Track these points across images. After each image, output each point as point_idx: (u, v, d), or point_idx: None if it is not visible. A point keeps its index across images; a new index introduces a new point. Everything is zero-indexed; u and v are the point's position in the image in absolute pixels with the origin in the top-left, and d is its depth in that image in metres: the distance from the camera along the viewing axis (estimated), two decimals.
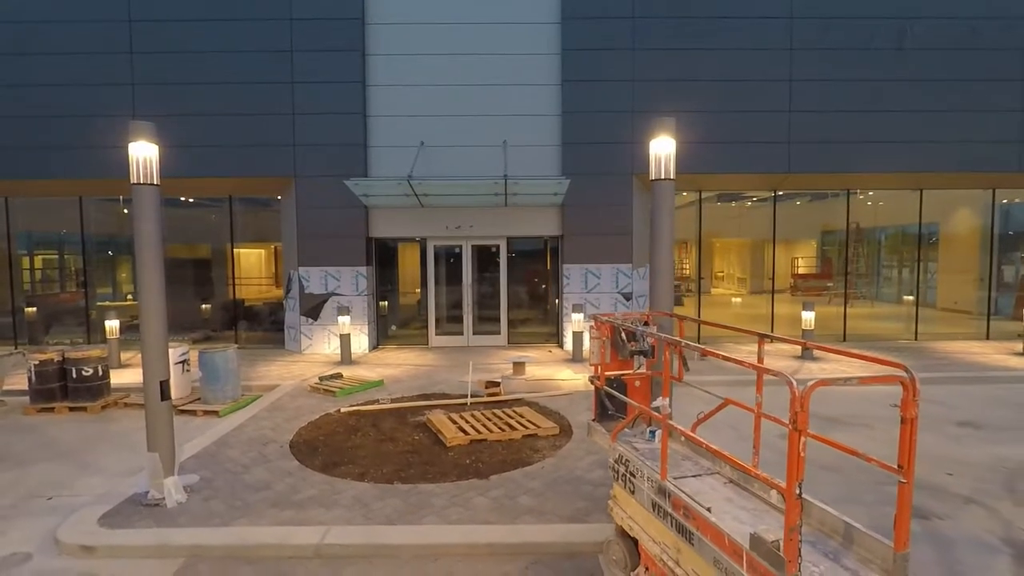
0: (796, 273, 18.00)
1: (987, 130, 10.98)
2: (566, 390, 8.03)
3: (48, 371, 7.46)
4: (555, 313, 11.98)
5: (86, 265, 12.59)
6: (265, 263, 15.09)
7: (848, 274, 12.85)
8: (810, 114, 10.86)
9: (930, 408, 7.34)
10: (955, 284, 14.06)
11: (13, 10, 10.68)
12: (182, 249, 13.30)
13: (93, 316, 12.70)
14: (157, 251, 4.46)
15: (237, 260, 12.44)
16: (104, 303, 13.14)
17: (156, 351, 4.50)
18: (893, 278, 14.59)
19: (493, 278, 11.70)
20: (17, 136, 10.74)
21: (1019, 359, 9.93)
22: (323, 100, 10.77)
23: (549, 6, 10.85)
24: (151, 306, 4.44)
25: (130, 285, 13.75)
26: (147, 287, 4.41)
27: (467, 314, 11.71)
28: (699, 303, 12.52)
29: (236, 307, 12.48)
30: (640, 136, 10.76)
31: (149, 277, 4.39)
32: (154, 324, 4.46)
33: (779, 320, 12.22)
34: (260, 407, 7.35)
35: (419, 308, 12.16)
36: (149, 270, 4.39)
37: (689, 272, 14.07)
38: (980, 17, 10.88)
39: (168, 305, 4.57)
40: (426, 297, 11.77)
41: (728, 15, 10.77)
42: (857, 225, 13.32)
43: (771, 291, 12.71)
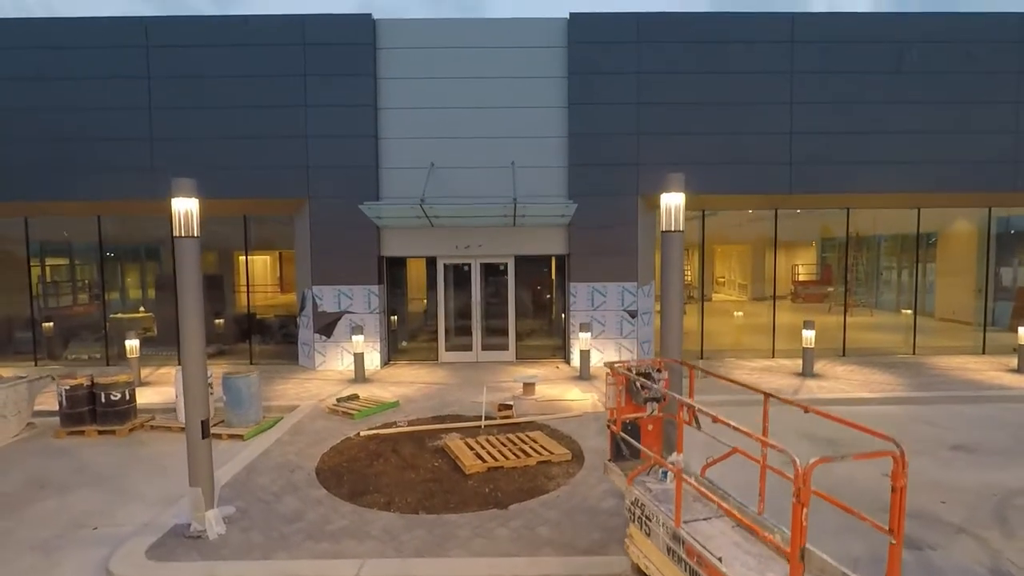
0: (797, 280, 18.33)
1: (983, 151, 11.27)
2: (576, 411, 8.33)
3: (78, 395, 7.76)
4: (561, 328, 12.29)
5: (101, 275, 12.82)
6: (271, 269, 15.40)
7: (848, 283, 13.15)
8: (810, 136, 11.16)
9: (926, 430, 7.64)
10: (954, 294, 14.36)
11: (36, 37, 10.95)
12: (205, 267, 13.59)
13: (108, 327, 12.97)
14: (198, 300, 4.76)
15: (250, 272, 12.71)
16: (118, 315, 13.47)
17: (197, 392, 4.80)
18: (893, 285, 14.85)
19: (501, 295, 12.00)
20: (37, 158, 11.02)
21: (1013, 376, 10.23)
22: (336, 123, 11.06)
23: (556, 32, 11.13)
24: (192, 351, 4.73)
25: (137, 290, 14.06)
26: (189, 334, 4.70)
27: (476, 330, 12.02)
28: (702, 312, 12.78)
29: (249, 320, 12.76)
30: (645, 157, 11.11)
31: (190, 324, 4.69)
32: (195, 367, 4.76)
33: (780, 331, 12.47)
34: (282, 430, 7.65)
35: (429, 324, 12.46)
36: (191, 318, 4.69)
37: (691, 279, 14.37)
38: (975, 40, 11.17)
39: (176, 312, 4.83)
40: (436, 313, 12.07)
41: (731, 40, 11.05)
42: (856, 234, 13.64)
43: (773, 298, 12.97)
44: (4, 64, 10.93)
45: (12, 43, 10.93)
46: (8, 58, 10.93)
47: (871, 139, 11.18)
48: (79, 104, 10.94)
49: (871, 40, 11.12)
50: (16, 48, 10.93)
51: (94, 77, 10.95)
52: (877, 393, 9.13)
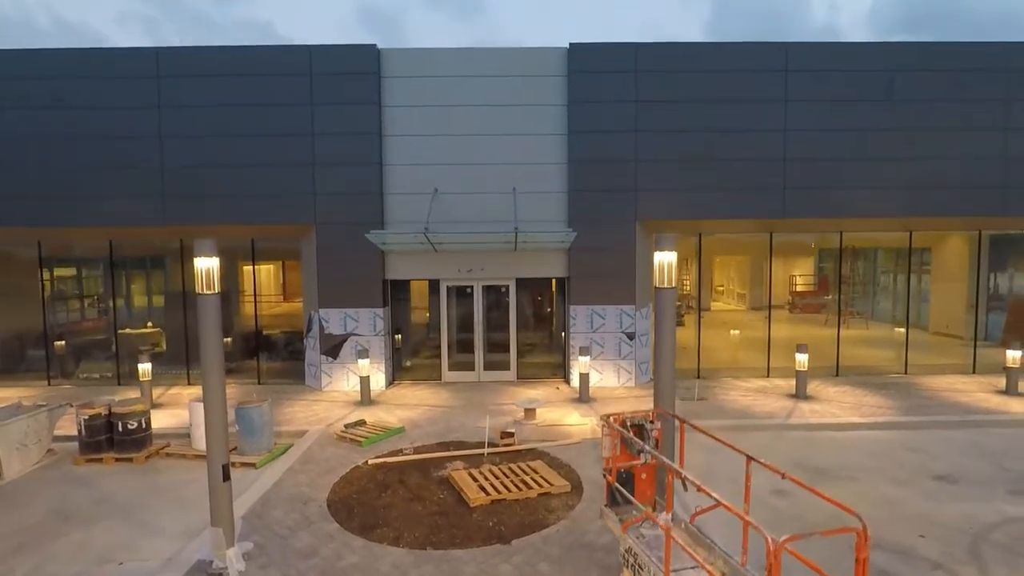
0: (794, 291, 18.63)
1: (972, 176, 11.57)
2: (576, 437, 8.64)
3: (96, 425, 8.08)
4: (561, 347, 12.59)
5: (113, 294, 13.12)
6: (274, 277, 15.68)
7: (842, 297, 13.45)
8: (803, 162, 11.45)
9: (912, 458, 7.94)
10: (947, 308, 14.65)
11: (50, 66, 11.25)
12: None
13: (118, 345, 13.25)
14: (219, 352, 5.06)
15: (257, 287, 12.98)
16: (126, 329, 13.77)
17: (218, 439, 5.10)
18: (888, 296, 15.10)
19: (503, 317, 12.31)
20: (51, 185, 11.32)
21: (1000, 398, 10.53)
22: (342, 151, 11.36)
23: (556, 61, 11.43)
24: (214, 400, 5.04)
25: (144, 305, 14.33)
26: (211, 385, 5.01)
27: (478, 351, 12.32)
28: (699, 328, 13.06)
29: (257, 338, 13.04)
30: (643, 184, 11.41)
31: (212, 376, 5.00)
32: (217, 416, 5.07)
33: (777, 346, 12.72)
34: (293, 458, 7.96)
35: (432, 344, 12.76)
36: (212, 369, 5.00)
37: (689, 289, 14.65)
38: (962, 69, 11.46)
39: (194, 340, 5.11)
40: (439, 334, 12.38)
41: (725, 69, 11.35)
42: (852, 247, 13.94)
43: (768, 316, 13.22)
44: (19, 93, 11.23)
45: (27, 72, 11.23)
46: (23, 87, 11.22)
47: (862, 165, 11.48)
48: (92, 132, 11.24)
49: (862, 69, 11.41)
50: (31, 78, 11.23)
51: (106, 107, 11.25)
52: (867, 418, 9.43)
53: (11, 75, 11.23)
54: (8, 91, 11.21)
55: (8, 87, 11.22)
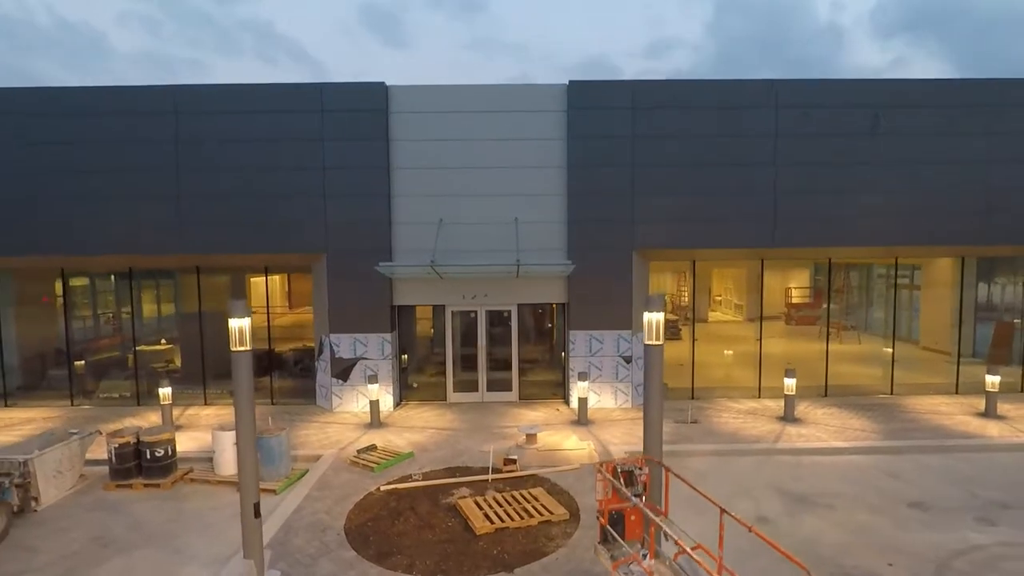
0: (790, 303, 19.17)
1: (954, 206, 12.09)
2: (574, 463, 9.18)
3: (126, 452, 8.64)
4: (561, 366, 13.13)
5: (133, 315, 13.69)
6: (279, 288, 16.21)
7: (836, 310, 13.97)
8: (793, 194, 11.98)
9: (889, 485, 8.47)
10: (937, 323, 15.17)
11: (71, 103, 11.81)
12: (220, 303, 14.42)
13: (136, 364, 13.80)
14: (250, 403, 5.61)
15: (260, 298, 13.51)
16: (141, 346, 14.32)
17: (250, 481, 5.66)
18: (881, 309, 15.54)
19: (505, 340, 12.86)
20: (73, 216, 11.87)
21: (979, 421, 11.06)
22: (352, 183, 11.91)
23: (556, 97, 11.97)
24: (246, 448, 5.59)
25: (160, 322, 14.91)
26: (244, 434, 5.57)
27: (481, 372, 12.88)
28: (693, 348, 13.57)
29: (269, 358, 13.58)
30: (639, 215, 11.96)
31: (244, 427, 5.55)
32: (249, 461, 5.62)
33: (769, 362, 13.19)
34: (310, 484, 8.51)
35: (438, 365, 13.30)
36: (244, 420, 5.56)
37: (686, 301, 15.17)
38: (945, 105, 11.98)
39: (210, 357, 5.64)
40: (445, 357, 12.93)
41: (718, 105, 11.88)
42: (846, 264, 14.47)
43: (760, 336, 13.70)
44: (42, 129, 11.79)
45: (50, 109, 11.79)
46: (46, 123, 11.78)
47: (849, 197, 12.00)
48: (113, 166, 11.80)
49: (848, 104, 11.94)
50: (53, 114, 11.79)
51: (127, 141, 11.80)
52: (850, 442, 9.96)
53: (38, 112, 11.78)
54: (34, 127, 11.77)
55: (34, 123, 11.78)
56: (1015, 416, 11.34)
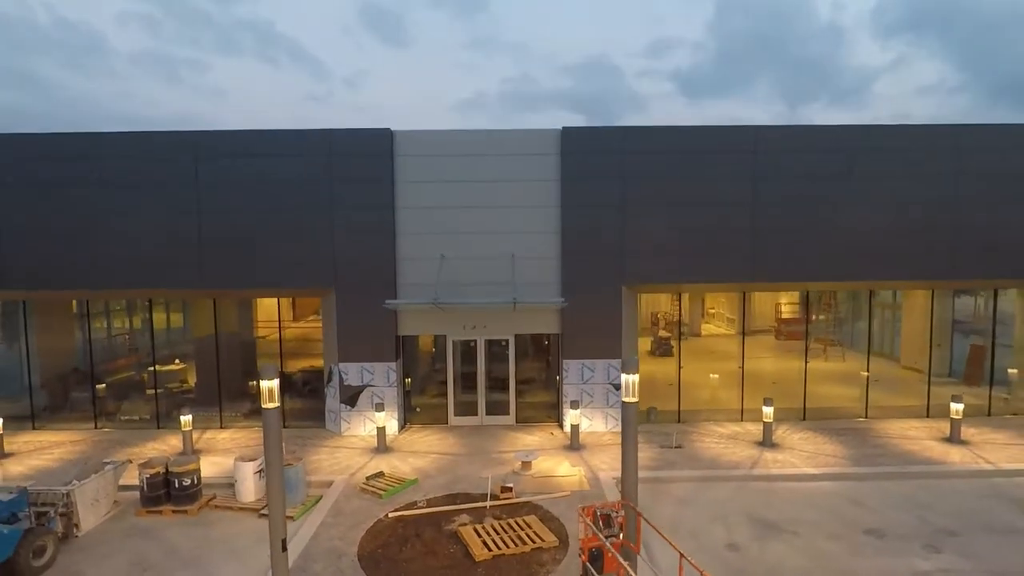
0: (780, 318, 20.01)
1: (924, 245, 12.92)
2: (566, 489, 10.02)
3: (156, 481, 9.48)
4: (556, 392, 13.95)
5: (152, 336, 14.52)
6: (286, 302, 17.01)
7: (820, 330, 14.77)
8: (771, 233, 12.80)
9: (850, 511, 9.31)
10: (916, 343, 15.98)
11: (102, 148, 12.65)
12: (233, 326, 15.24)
13: (156, 388, 14.63)
14: (280, 454, 6.44)
15: (266, 311, 14.33)
16: (155, 367, 15.15)
17: (279, 520, 6.49)
18: (865, 327, 16.24)
19: (503, 367, 13.70)
20: (100, 256, 12.70)
21: (943, 447, 11.90)
22: (359, 222, 12.74)
23: (550, 142, 12.80)
24: (276, 493, 6.43)
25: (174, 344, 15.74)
26: (273, 481, 6.40)
27: (481, 397, 13.72)
28: (679, 373, 14.38)
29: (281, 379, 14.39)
30: (628, 251, 12.80)
31: (274, 477, 6.39)
32: (277, 505, 6.46)
33: (754, 382, 14.00)
34: (324, 511, 9.34)
35: (440, 390, 14.12)
36: (274, 470, 6.39)
37: (680, 316, 15.93)
38: (915, 148, 12.81)
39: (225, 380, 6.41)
40: (446, 383, 13.77)
41: (701, 150, 12.71)
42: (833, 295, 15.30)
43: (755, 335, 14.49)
44: (74, 173, 12.62)
45: (81, 153, 12.63)
46: (78, 168, 12.61)
47: (824, 235, 12.83)
48: (138, 208, 12.62)
49: (823, 148, 12.78)
50: (84, 158, 12.62)
51: (152, 184, 12.63)
52: (820, 468, 10.80)
53: (71, 156, 12.62)
54: (67, 171, 12.60)
55: (67, 167, 12.61)
56: (978, 441, 12.18)
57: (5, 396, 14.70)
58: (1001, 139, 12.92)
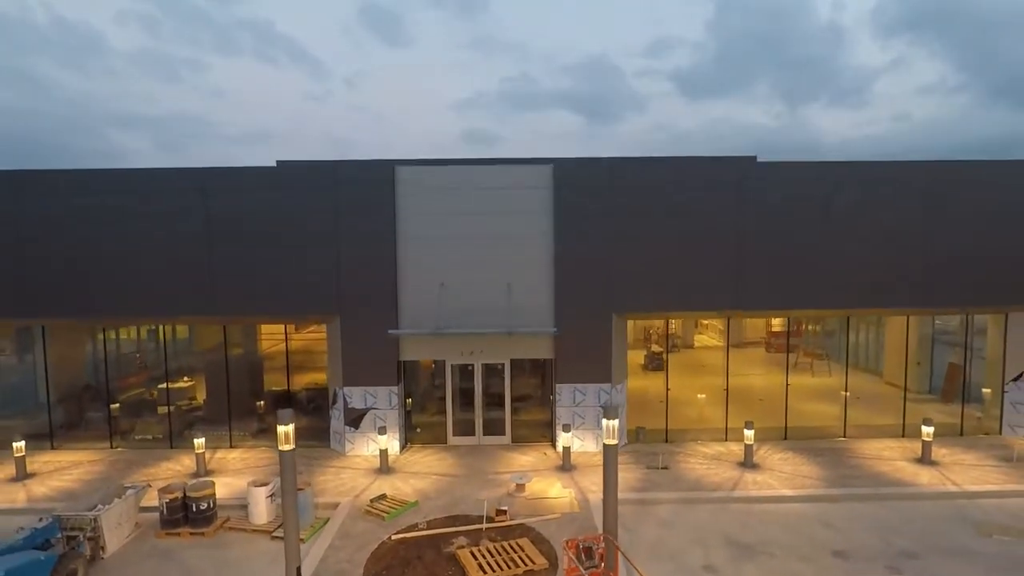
0: (770, 331, 20.74)
1: (900, 275, 13.61)
2: (557, 511, 10.72)
3: (175, 505, 10.17)
4: (549, 412, 14.63)
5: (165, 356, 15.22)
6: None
7: (807, 344, 15.48)
8: (755, 265, 13.49)
9: (821, 533, 10.00)
10: (897, 359, 16.66)
11: (116, 183, 13.34)
12: (240, 346, 15.93)
13: (169, 410, 15.33)
14: (295, 494, 7.14)
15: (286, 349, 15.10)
16: (165, 384, 15.83)
17: (292, 550, 7.19)
18: (852, 342, 16.86)
19: (498, 390, 14.40)
20: (117, 285, 13.39)
21: (915, 468, 12.60)
22: (362, 250, 13.42)
23: (543, 175, 13.48)
24: (291, 529, 7.12)
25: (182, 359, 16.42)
26: (288, 515, 7.09)
27: (478, 418, 14.42)
28: (667, 397, 15.07)
29: (288, 399, 15.09)
30: (617, 280, 13.49)
31: (290, 514, 7.08)
32: (292, 537, 7.15)
33: (739, 399, 14.71)
34: (332, 533, 10.03)
35: (439, 402, 14.78)
36: (289, 507, 7.08)
37: (670, 333, 16.61)
38: (889, 185, 13.51)
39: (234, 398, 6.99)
40: (445, 404, 14.47)
41: (687, 185, 13.40)
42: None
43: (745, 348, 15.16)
44: (90, 207, 13.30)
45: (100, 188, 13.31)
46: (94, 202, 13.30)
47: (805, 267, 13.51)
48: (153, 240, 13.31)
49: (803, 186, 13.47)
50: (102, 192, 13.31)
51: (165, 214, 13.31)
52: (797, 490, 11.50)
53: (89, 191, 13.30)
54: (85, 205, 13.29)
55: (85, 202, 13.29)
56: (947, 462, 12.89)
57: (20, 412, 15.39)
58: (970, 174, 13.62)
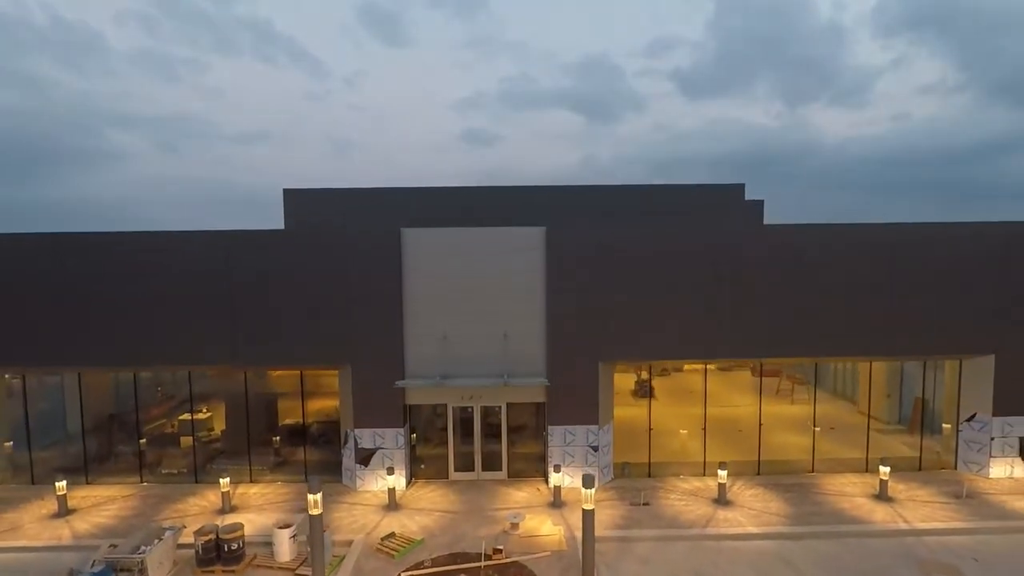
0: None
1: (864, 325, 14.95)
2: (547, 549, 12.04)
3: (209, 546, 11.49)
4: (542, 448, 15.94)
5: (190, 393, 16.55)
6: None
7: (789, 370, 16.83)
8: (730, 317, 14.83)
9: (781, 571, 11.31)
10: (870, 392, 17.96)
11: (145, 245, 14.66)
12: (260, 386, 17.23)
13: (176, 427, 16.64)
14: (322, 544, 8.46)
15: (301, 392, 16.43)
16: (184, 416, 17.14)
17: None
18: (830, 370, 18.06)
19: (496, 430, 15.72)
20: (147, 338, 14.72)
21: (872, 504, 13.93)
22: (372, 306, 14.75)
23: (536, 238, 14.81)
24: (318, 565, 8.45)
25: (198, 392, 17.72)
26: (316, 557, 8.42)
27: (477, 455, 15.75)
28: (650, 431, 16.38)
29: (303, 434, 16.42)
30: (604, 332, 14.80)
31: (316, 553, 8.40)
32: (318, 568, 8.48)
33: (718, 429, 16.07)
34: (348, 571, 11.32)
35: (441, 440, 16.10)
36: (316, 550, 8.40)
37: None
38: (857, 244, 14.84)
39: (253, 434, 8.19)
40: (447, 443, 15.80)
41: (665, 250, 14.73)
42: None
43: (731, 372, 16.50)
44: (119, 266, 14.63)
45: (132, 248, 14.64)
46: (125, 261, 14.63)
47: (776, 319, 14.84)
48: (180, 297, 14.64)
49: (777, 246, 14.80)
50: (135, 252, 14.64)
51: (190, 273, 14.64)
52: (763, 528, 12.82)
53: (118, 253, 14.64)
54: (115, 264, 14.62)
55: (116, 261, 14.63)
56: (903, 499, 14.22)
57: (52, 443, 16.63)
58: (926, 235, 14.95)
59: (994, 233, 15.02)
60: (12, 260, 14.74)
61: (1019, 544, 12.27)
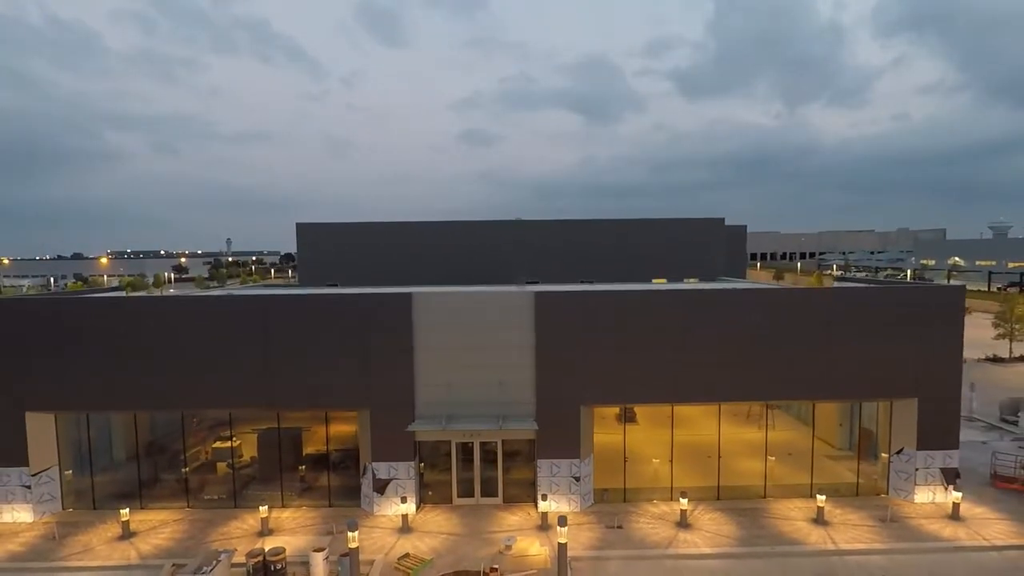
0: None
1: (836, 373, 17.55)
2: (535, 568, 14.62)
3: (258, 568, 14.06)
4: (534, 474, 18.50)
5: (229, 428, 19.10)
6: None
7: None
8: (692, 367, 17.42)
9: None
10: (826, 418, 20.53)
11: (190, 307, 17.21)
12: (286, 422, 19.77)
13: (209, 455, 19.21)
14: (358, 569, 11.01)
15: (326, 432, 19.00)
16: (216, 443, 19.72)
17: None
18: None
19: (493, 461, 18.32)
20: (197, 389, 17.28)
21: (809, 527, 16.52)
22: (386, 358, 17.32)
23: (527, 301, 17.39)
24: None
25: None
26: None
27: (476, 482, 18.35)
28: (625, 461, 18.97)
29: (326, 463, 18.99)
30: (586, 379, 17.40)
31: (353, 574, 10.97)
32: None
33: (686, 454, 18.68)
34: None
35: (446, 465, 18.66)
36: (354, 573, 10.97)
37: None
38: (788, 305, 17.43)
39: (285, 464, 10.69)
40: (450, 472, 18.40)
41: (639, 310, 17.32)
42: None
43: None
44: (179, 324, 17.19)
45: (182, 309, 17.19)
46: (179, 320, 17.18)
47: (738, 369, 17.44)
48: (221, 350, 17.20)
49: (738, 305, 17.39)
50: (185, 312, 17.19)
51: (232, 334, 17.20)
52: (714, 548, 15.42)
53: (170, 311, 17.20)
54: (163, 322, 17.18)
55: (163, 319, 17.19)
56: (837, 522, 16.83)
57: (101, 469, 19.06)
58: (856, 298, 17.56)
59: (915, 295, 17.65)
60: (86, 317, 17.30)
61: (927, 562, 14.86)
